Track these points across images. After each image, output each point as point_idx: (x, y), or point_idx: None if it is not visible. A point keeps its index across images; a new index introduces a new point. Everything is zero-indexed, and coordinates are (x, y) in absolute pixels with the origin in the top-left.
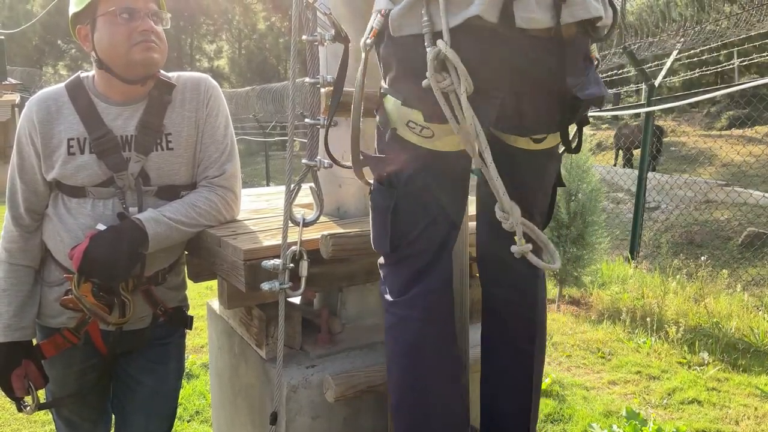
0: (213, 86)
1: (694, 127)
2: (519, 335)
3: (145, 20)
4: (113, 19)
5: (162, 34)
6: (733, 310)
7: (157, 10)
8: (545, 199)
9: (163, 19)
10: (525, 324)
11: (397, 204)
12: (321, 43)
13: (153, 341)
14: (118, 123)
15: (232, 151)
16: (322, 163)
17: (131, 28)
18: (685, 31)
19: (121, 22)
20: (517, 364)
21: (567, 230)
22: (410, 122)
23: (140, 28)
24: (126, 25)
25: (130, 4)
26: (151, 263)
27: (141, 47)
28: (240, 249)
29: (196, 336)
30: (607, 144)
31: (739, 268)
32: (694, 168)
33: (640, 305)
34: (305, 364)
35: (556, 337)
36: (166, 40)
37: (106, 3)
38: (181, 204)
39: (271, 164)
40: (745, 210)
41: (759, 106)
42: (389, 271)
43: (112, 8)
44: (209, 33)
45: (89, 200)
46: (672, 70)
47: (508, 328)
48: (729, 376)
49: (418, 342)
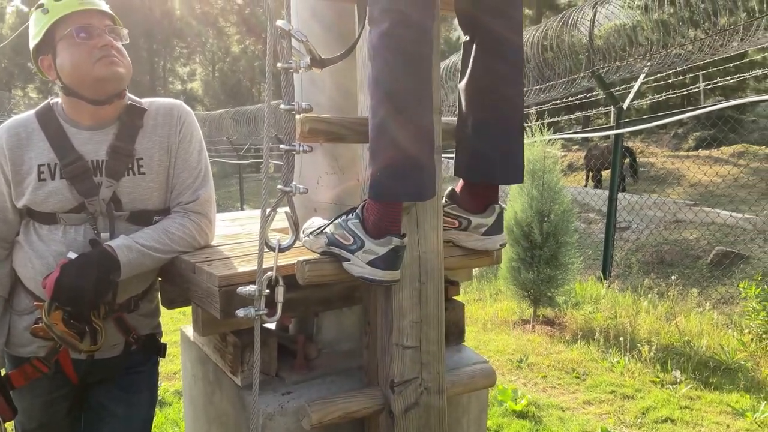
0: (186, 112)
1: (662, 148)
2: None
3: (103, 36)
4: (72, 40)
5: (122, 49)
6: (703, 328)
7: (113, 26)
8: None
9: (122, 35)
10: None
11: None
12: (296, 71)
13: (125, 369)
14: (89, 147)
15: (206, 177)
16: (298, 188)
17: (91, 45)
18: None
19: (80, 41)
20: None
21: (540, 251)
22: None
23: (99, 44)
24: (85, 44)
25: (86, 22)
26: (124, 290)
27: (103, 62)
28: (215, 275)
29: (169, 362)
30: (577, 165)
31: (708, 287)
32: (663, 188)
33: (613, 325)
34: (281, 391)
35: (531, 358)
36: (140, 63)
37: (63, 27)
38: (154, 230)
39: (245, 186)
40: (713, 229)
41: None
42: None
43: (68, 30)
44: (182, 56)
45: (60, 227)
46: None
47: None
48: (701, 394)
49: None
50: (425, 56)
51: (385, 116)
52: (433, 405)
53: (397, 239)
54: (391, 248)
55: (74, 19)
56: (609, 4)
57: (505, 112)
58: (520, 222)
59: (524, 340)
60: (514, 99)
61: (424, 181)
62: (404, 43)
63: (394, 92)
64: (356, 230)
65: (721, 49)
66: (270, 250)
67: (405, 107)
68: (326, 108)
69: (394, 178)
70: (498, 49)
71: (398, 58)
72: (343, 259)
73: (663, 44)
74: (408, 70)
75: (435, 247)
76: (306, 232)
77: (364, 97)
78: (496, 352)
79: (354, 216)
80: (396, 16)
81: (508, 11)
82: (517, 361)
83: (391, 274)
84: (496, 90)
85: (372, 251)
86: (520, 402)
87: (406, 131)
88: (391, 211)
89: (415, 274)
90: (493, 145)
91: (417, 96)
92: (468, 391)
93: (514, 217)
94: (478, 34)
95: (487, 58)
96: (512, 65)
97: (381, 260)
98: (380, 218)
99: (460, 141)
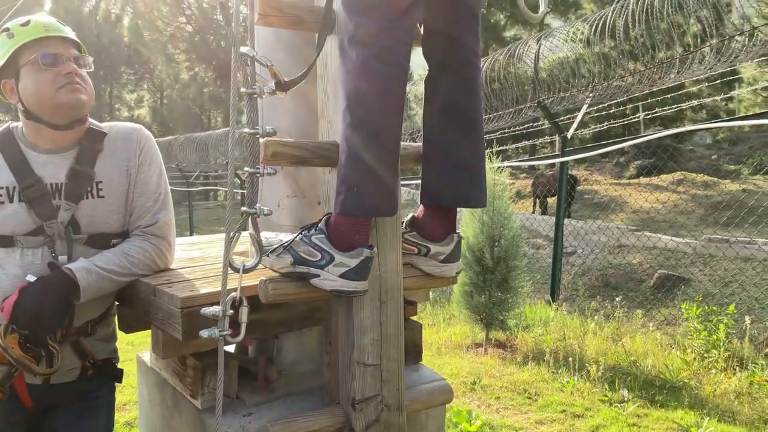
0: (146, 136)
1: (605, 176)
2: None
3: (68, 64)
4: (36, 66)
5: (87, 77)
6: (648, 348)
7: (78, 54)
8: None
9: (86, 64)
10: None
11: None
12: (260, 96)
13: (82, 395)
14: (48, 171)
15: (165, 200)
16: (262, 210)
17: (55, 72)
18: (593, 86)
19: (45, 68)
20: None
21: (492, 275)
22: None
23: (64, 71)
24: (50, 71)
25: (52, 50)
26: (81, 314)
27: (66, 89)
28: (177, 297)
29: (119, 393)
30: (525, 192)
31: (652, 309)
32: (606, 214)
33: (562, 346)
34: (242, 413)
35: (484, 380)
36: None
37: (28, 53)
38: (113, 253)
39: (194, 214)
40: (655, 253)
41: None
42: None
43: (33, 56)
44: (130, 82)
45: (18, 249)
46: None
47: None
48: (648, 412)
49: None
50: (399, 88)
51: (358, 140)
52: (393, 422)
53: (368, 250)
54: (362, 259)
55: (40, 45)
56: (553, 38)
57: (468, 138)
58: (472, 247)
59: (477, 363)
60: (476, 126)
61: (391, 199)
62: (381, 77)
63: (366, 120)
64: (323, 245)
65: (659, 81)
66: (234, 270)
67: (377, 134)
68: (289, 132)
69: (365, 195)
70: (461, 84)
71: (373, 90)
72: (312, 276)
73: (604, 76)
74: (381, 101)
75: (394, 267)
76: (266, 251)
77: (325, 122)
78: (450, 375)
79: (317, 231)
80: (375, 51)
81: (471, 45)
82: (470, 383)
83: (363, 284)
84: (459, 118)
85: (343, 264)
86: (475, 423)
87: (377, 154)
88: (361, 225)
89: (375, 293)
90: (457, 169)
91: (388, 123)
92: (427, 408)
93: (467, 243)
94: (443, 67)
95: (452, 91)
96: (474, 95)
97: (353, 272)
98: (350, 232)
99: (426, 166)
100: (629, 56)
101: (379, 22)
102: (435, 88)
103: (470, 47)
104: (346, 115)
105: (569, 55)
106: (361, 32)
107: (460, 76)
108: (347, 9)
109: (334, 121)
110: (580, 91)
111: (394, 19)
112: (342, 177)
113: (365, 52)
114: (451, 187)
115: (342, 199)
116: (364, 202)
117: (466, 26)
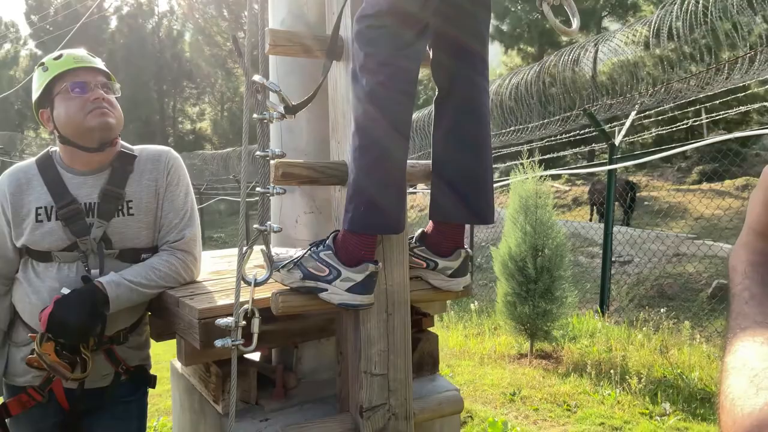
0: (174, 158)
1: (667, 181)
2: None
3: (96, 90)
4: (67, 94)
5: (114, 101)
6: (696, 361)
7: (106, 81)
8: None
9: (114, 89)
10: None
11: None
12: (270, 121)
13: (116, 399)
14: (83, 191)
15: (191, 217)
16: (272, 227)
17: (84, 99)
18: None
19: (75, 95)
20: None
21: (534, 285)
22: None
23: (92, 97)
24: (79, 98)
25: (80, 78)
26: (113, 323)
27: (95, 114)
28: (195, 308)
29: (168, 398)
30: (582, 199)
31: (708, 320)
32: (666, 222)
33: (607, 358)
34: (259, 418)
35: (524, 391)
36: (150, 103)
37: (60, 83)
38: (142, 267)
39: (251, 224)
40: (716, 262)
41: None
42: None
43: (64, 85)
44: (192, 96)
45: (55, 264)
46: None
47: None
48: (689, 425)
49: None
50: (404, 113)
51: (365, 162)
52: (400, 430)
53: (373, 266)
54: (368, 274)
55: (70, 75)
56: (611, 41)
57: (474, 159)
58: (514, 257)
59: (519, 374)
60: (482, 148)
61: (397, 218)
62: (388, 103)
63: (373, 143)
64: (330, 261)
65: (723, 83)
66: (246, 284)
67: (384, 156)
68: (306, 152)
69: (374, 214)
70: (469, 106)
71: (380, 115)
72: (320, 290)
73: (666, 78)
74: (388, 125)
75: (401, 280)
76: (277, 266)
77: (335, 142)
78: (490, 386)
79: (324, 247)
80: (382, 78)
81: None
82: (510, 394)
83: (369, 298)
84: (465, 140)
85: (350, 279)
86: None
87: (384, 175)
88: (367, 241)
89: (382, 305)
90: (464, 188)
91: (394, 146)
92: (436, 417)
93: (508, 252)
94: (449, 91)
95: (458, 114)
96: (480, 118)
97: (359, 286)
98: (357, 248)
99: (434, 184)
100: (690, 58)
101: (387, 52)
102: (442, 111)
103: (477, 70)
104: (355, 138)
105: (629, 58)
106: (369, 61)
107: (466, 102)
108: (358, 41)
109: (343, 142)
110: (641, 94)
111: (401, 48)
112: (350, 195)
113: (373, 80)
114: (458, 205)
115: (350, 217)
116: (370, 221)
117: (473, 51)
